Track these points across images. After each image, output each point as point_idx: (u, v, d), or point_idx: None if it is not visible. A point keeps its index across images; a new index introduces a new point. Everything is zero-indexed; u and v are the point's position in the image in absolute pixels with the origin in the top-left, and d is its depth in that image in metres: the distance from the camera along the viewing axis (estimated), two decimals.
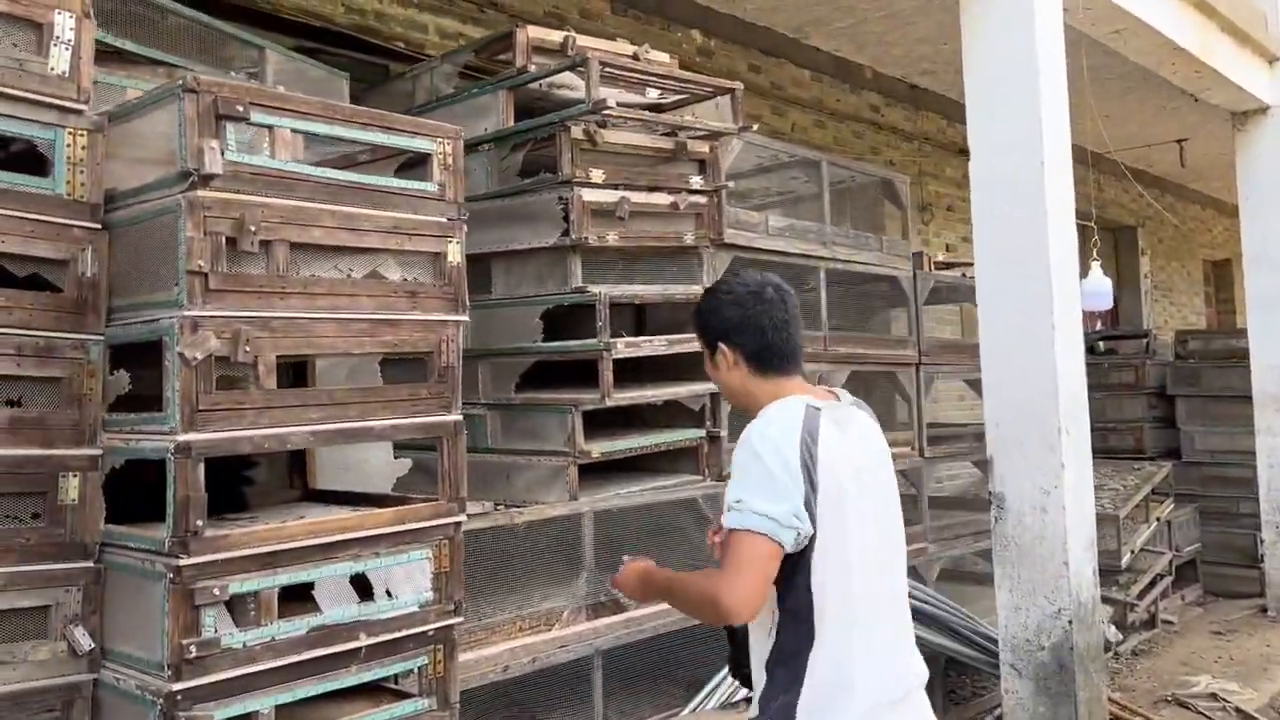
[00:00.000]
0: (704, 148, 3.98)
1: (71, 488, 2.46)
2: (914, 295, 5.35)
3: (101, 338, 2.53)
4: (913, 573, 5.10)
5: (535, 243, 3.65)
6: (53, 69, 2.46)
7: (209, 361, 2.36)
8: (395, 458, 3.26)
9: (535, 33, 3.76)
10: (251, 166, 2.45)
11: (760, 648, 2.12)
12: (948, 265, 6.24)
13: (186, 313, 2.33)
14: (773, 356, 2.20)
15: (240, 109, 2.42)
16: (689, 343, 4.01)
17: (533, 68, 3.69)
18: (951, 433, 5.72)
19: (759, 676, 2.12)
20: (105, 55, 3.03)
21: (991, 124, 4.49)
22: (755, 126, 4.00)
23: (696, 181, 3.94)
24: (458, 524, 2.84)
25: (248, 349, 2.40)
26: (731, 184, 4.08)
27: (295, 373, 3.21)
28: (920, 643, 2.31)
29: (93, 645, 2.45)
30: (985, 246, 4.58)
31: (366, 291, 2.67)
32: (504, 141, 3.74)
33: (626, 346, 3.69)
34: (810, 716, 2.02)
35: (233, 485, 3.11)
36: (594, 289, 3.60)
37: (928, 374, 5.42)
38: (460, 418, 2.86)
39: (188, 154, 2.35)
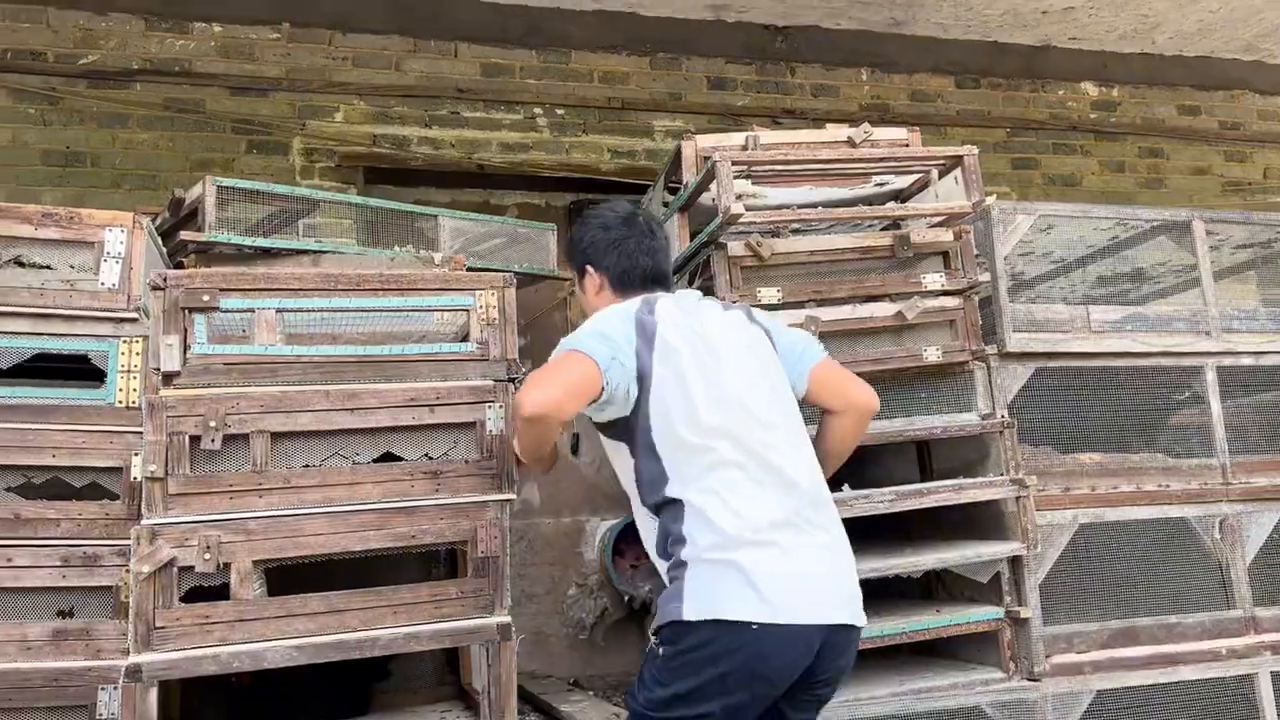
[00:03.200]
0: (944, 236, 3.04)
1: (111, 701, 2.41)
2: None
3: None
4: None
5: None
6: (103, 283, 2.55)
7: (169, 572, 2.18)
8: None
9: (708, 141, 3.19)
10: (225, 356, 2.29)
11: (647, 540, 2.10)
12: None
13: (145, 522, 2.19)
14: (636, 279, 2.24)
15: (207, 299, 2.28)
16: (963, 491, 3.04)
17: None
18: None
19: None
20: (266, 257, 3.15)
21: None
22: (994, 196, 2.96)
23: (934, 281, 3.00)
24: None
25: (207, 556, 2.18)
26: (986, 277, 3.05)
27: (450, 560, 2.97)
28: None
29: None
30: None
31: (372, 478, 2.33)
32: (680, 273, 3.20)
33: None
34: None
35: (365, 679, 2.90)
36: None
37: None
38: (507, 620, 2.35)
39: (152, 352, 2.26)
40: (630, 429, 2.06)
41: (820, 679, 1.99)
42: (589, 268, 2.28)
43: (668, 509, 2.00)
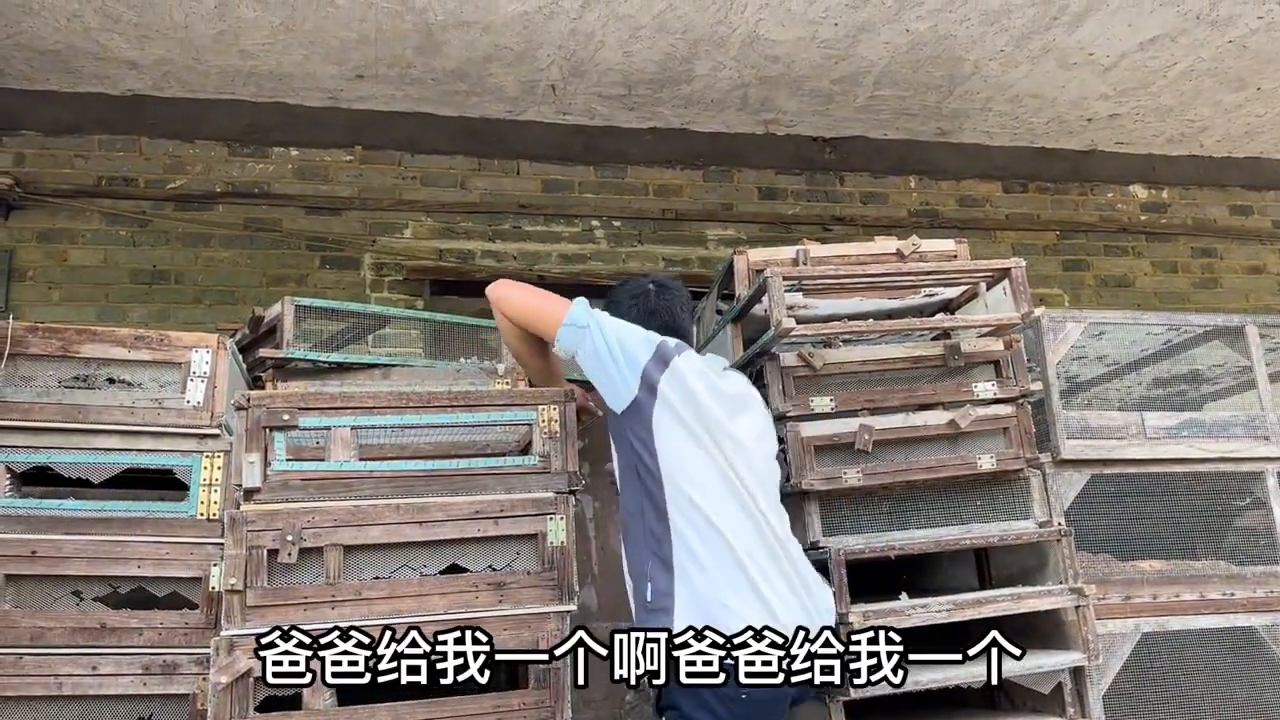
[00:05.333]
0: (995, 345, 3.09)
1: None
2: None
3: None
4: None
5: None
6: (189, 401, 2.70)
7: (246, 683, 2.27)
8: None
9: (760, 255, 3.32)
10: (303, 473, 2.41)
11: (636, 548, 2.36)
12: None
13: (224, 633, 2.29)
14: (654, 328, 2.50)
15: (287, 418, 2.41)
16: (1021, 600, 3.02)
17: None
18: None
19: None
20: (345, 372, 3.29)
21: None
22: (1042, 306, 3.02)
23: (986, 389, 3.05)
24: None
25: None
26: (1037, 386, 3.09)
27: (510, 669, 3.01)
28: None
29: None
30: None
31: (439, 589, 2.41)
32: None
33: (893, 613, 2.85)
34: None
35: None
36: (829, 543, 2.89)
37: None
38: None
39: (235, 468, 2.39)
40: (639, 435, 2.34)
41: None
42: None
43: (659, 523, 2.29)
